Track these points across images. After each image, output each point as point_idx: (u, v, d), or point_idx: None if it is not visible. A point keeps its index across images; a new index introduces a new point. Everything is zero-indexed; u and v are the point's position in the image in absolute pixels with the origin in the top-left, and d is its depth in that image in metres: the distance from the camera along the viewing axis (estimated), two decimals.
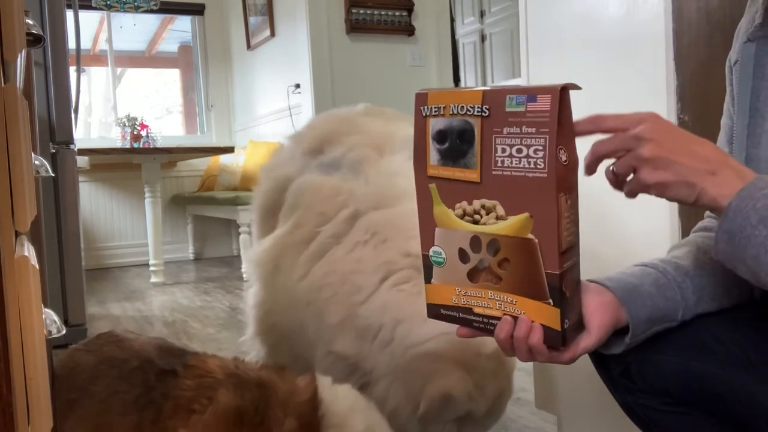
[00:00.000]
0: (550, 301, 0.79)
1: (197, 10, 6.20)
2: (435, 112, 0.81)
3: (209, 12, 6.22)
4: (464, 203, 0.81)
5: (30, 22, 0.97)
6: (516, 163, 0.76)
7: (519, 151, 0.76)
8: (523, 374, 2.22)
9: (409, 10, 4.76)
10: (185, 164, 5.82)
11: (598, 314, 0.86)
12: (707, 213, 1.04)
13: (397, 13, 4.71)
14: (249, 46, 5.65)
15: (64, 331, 0.93)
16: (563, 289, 0.79)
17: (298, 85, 4.66)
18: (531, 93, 0.75)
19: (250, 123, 5.81)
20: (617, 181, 0.82)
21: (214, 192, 5.27)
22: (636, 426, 1.01)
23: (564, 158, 0.76)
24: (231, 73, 6.27)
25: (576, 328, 0.84)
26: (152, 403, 1.02)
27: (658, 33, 1.30)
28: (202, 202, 5.19)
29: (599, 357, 0.99)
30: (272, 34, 5.20)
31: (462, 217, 0.82)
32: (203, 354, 1.12)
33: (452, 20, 5.74)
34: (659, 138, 0.77)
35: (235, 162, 5.35)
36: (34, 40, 0.98)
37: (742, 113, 0.94)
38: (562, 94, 0.74)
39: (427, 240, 0.86)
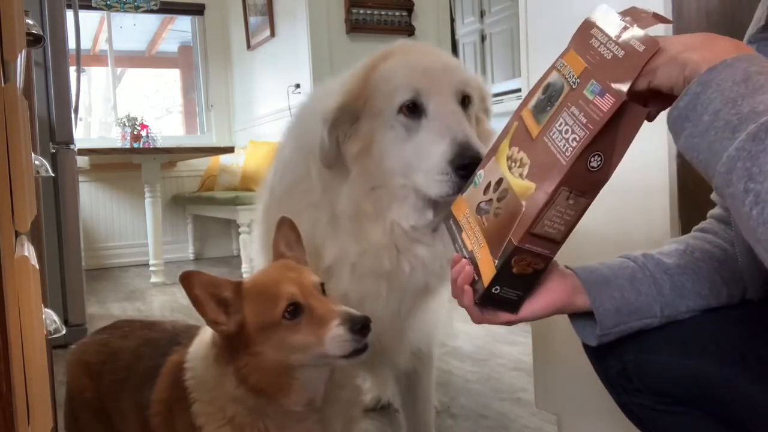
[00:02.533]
0: (497, 261, 0.85)
1: (197, 10, 6.20)
2: (560, 66, 0.86)
3: (209, 12, 6.22)
4: (516, 149, 0.87)
5: (30, 22, 0.97)
6: (558, 141, 0.80)
7: (566, 132, 0.79)
8: (523, 374, 2.23)
9: (409, 10, 4.76)
10: (185, 164, 5.82)
11: (546, 294, 0.90)
12: (710, 213, 1.04)
13: (397, 13, 4.71)
14: (249, 46, 5.65)
15: (64, 331, 0.94)
16: (511, 262, 0.83)
17: (298, 85, 4.66)
18: (605, 86, 0.75)
19: (250, 123, 5.81)
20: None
21: (214, 192, 5.27)
22: (634, 426, 1.01)
23: (595, 164, 0.77)
24: (231, 73, 6.27)
25: (507, 303, 0.89)
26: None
27: (658, 33, 1.30)
28: (202, 202, 5.19)
29: (597, 357, 0.99)
30: (272, 34, 5.20)
31: (509, 158, 0.88)
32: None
33: (452, 20, 5.74)
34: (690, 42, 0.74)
35: (235, 162, 5.35)
36: (34, 40, 0.98)
37: None
38: (626, 104, 0.73)
39: (485, 161, 0.95)
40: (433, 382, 1.58)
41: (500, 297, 0.87)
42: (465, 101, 1.20)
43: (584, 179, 0.77)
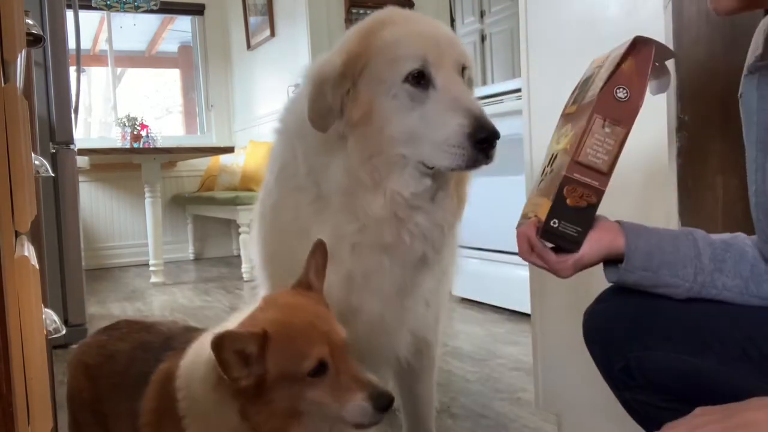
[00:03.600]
0: (552, 197, 0.92)
1: (197, 10, 6.20)
2: (598, 64, 1.00)
3: (209, 12, 6.22)
4: (569, 125, 0.98)
5: (30, 22, 0.97)
6: (591, 93, 0.93)
7: (596, 83, 0.92)
8: (522, 374, 2.23)
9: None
10: (185, 164, 5.82)
11: (596, 233, 0.94)
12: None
13: None
14: (249, 46, 5.65)
15: (64, 331, 0.94)
16: (564, 193, 0.91)
17: (298, 85, 4.64)
18: (629, 41, 0.91)
19: (250, 123, 5.81)
20: None
21: (214, 192, 5.27)
22: (636, 424, 1.01)
23: (622, 95, 0.89)
24: (231, 73, 6.27)
25: (568, 236, 0.94)
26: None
27: (658, 33, 1.30)
28: (202, 202, 5.19)
29: (600, 354, 0.99)
30: (272, 34, 5.20)
31: (557, 140, 1.00)
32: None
33: (452, 20, 5.74)
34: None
35: (235, 162, 5.35)
36: (34, 40, 0.98)
37: (750, 146, 0.93)
38: (641, 45, 0.89)
39: (546, 162, 1.04)
40: (435, 381, 1.58)
41: (560, 231, 0.93)
42: (463, 74, 1.22)
43: (616, 108, 0.88)
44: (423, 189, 1.19)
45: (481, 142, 1.08)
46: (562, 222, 0.92)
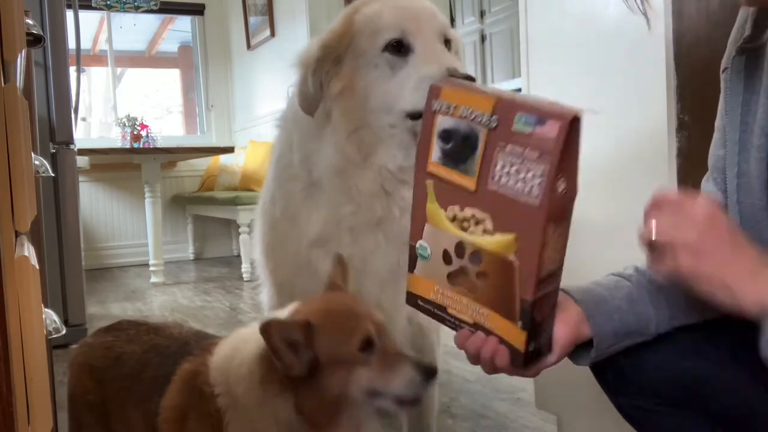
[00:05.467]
0: (520, 323, 0.80)
1: (197, 10, 6.20)
2: (445, 109, 0.80)
3: (209, 12, 6.22)
4: (457, 207, 0.81)
5: (30, 22, 0.97)
6: (512, 183, 0.75)
7: (518, 171, 0.74)
8: None
9: None
10: (185, 164, 5.82)
11: (560, 333, 0.87)
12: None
13: None
14: (249, 46, 5.65)
15: (64, 331, 0.94)
16: (534, 315, 0.79)
17: None
18: (541, 115, 0.72)
19: (250, 123, 5.81)
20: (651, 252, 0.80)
21: (214, 192, 5.27)
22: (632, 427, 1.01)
23: (562, 188, 0.74)
24: (231, 73, 6.27)
25: (543, 349, 0.86)
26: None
27: (658, 33, 1.30)
28: (202, 202, 5.20)
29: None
30: (272, 34, 5.20)
31: (452, 220, 0.82)
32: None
33: (452, 20, 5.74)
34: (703, 247, 0.75)
35: (235, 162, 5.35)
36: (34, 40, 0.98)
37: (732, 127, 0.93)
38: (573, 123, 0.71)
39: (416, 232, 0.87)
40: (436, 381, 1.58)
41: (537, 350, 0.84)
42: (447, 45, 1.23)
43: (559, 206, 0.75)
44: (410, 163, 1.17)
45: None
46: (537, 341, 0.83)
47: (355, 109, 1.20)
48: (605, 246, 1.41)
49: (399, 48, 1.18)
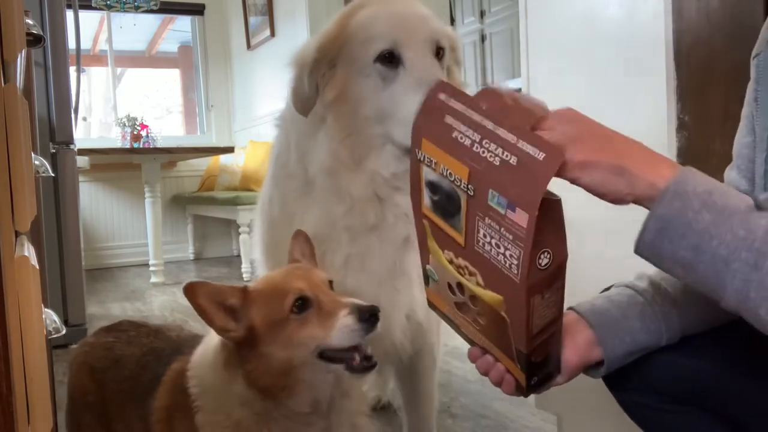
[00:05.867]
0: (518, 365, 0.82)
1: (197, 10, 6.20)
2: (428, 162, 0.76)
3: (209, 12, 6.22)
4: (452, 254, 0.80)
5: (30, 22, 0.97)
6: (495, 254, 0.72)
7: (498, 245, 0.71)
8: None
9: None
10: (185, 164, 5.82)
11: (570, 357, 0.89)
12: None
13: None
14: (249, 46, 5.65)
15: (64, 331, 0.93)
16: (532, 359, 0.81)
17: None
18: (512, 200, 0.68)
19: (250, 123, 5.81)
20: None
21: (214, 192, 5.27)
22: (635, 424, 1.01)
23: (545, 262, 0.71)
24: (231, 73, 6.27)
25: (551, 373, 0.88)
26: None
27: (658, 33, 1.30)
28: (202, 202, 5.19)
29: None
30: (272, 34, 5.20)
31: (450, 263, 0.81)
32: None
33: (452, 20, 5.74)
34: (582, 137, 0.73)
35: (235, 162, 5.35)
36: (34, 40, 0.98)
37: (764, 113, 0.92)
38: (544, 207, 0.66)
39: (424, 257, 0.87)
40: (436, 381, 1.58)
41: (541, 380, 0.87)
42: (439, 53, 1.22)
43: (543, 279, 0.72)
44: (403, 170, 1.17)
45: None
46: (539, 374, 0.85)
47: (349, 116, 1.20)
48: (606, 246, 1.41)
49: (390, 59, 1.17)
